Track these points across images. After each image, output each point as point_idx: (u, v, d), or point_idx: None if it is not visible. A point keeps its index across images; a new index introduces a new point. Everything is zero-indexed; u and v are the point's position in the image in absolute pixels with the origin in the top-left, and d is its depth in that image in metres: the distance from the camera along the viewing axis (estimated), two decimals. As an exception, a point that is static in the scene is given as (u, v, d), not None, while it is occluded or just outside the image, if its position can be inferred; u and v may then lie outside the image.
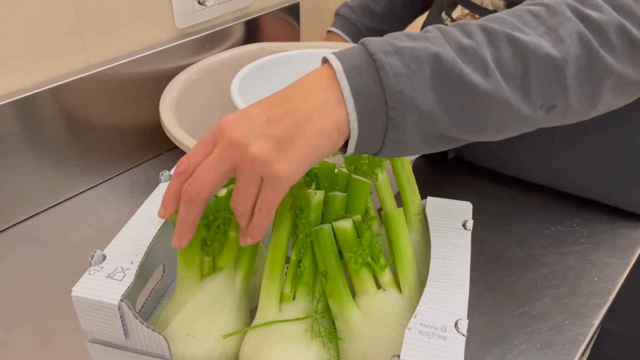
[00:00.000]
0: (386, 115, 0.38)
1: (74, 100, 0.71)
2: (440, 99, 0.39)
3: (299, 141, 0.38)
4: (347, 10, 0.90)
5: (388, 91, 0.38)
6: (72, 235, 0.70)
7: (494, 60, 0.40)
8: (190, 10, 0.81)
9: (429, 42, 0.39)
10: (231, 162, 0.39)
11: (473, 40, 0.40)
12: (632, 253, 0.66)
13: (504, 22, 0.41)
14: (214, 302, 0.47)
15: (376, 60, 0.38)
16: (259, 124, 0.38)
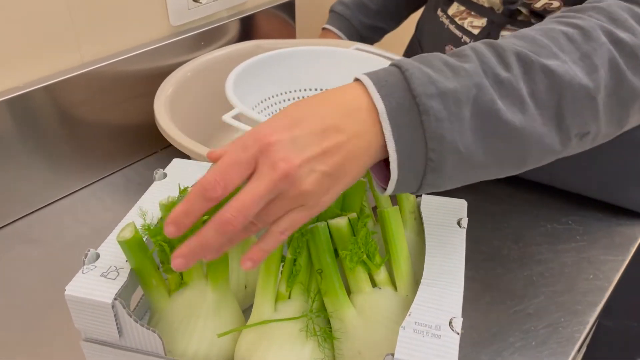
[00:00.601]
0: (425, 157, 0.38)
1: (67, 98, 0.71)
2: (479, 141, 0.39)
3: (346, 178, 0.38)
4: (342, 7, 0.90)
5: (429, 134, 0.37)
6: (66, 234, 0.69)
7: (530, 94, 0.40)
8: (185, 8, 0.81)
9: (469, 78, 0.39)
10: (278, 192, 0.36)
11: (510, 73, 0.40)
12: (627, 250, 0.66)
13: (540, 47, 0.41)
14: (186, 316, 0.46)
15: (419, 104, 0.37)
16: (313, 157, 0.36)
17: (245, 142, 0.37)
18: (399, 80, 0.38)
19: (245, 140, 0.37)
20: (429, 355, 0.39)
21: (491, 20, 0.67)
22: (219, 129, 0.81)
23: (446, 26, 0.74)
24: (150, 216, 0.50)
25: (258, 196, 0.36)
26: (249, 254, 0.38)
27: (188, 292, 0.47)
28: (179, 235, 0.37)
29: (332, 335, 0.46)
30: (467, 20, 0.71)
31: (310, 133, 0.37)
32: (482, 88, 0.39)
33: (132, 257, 0.45)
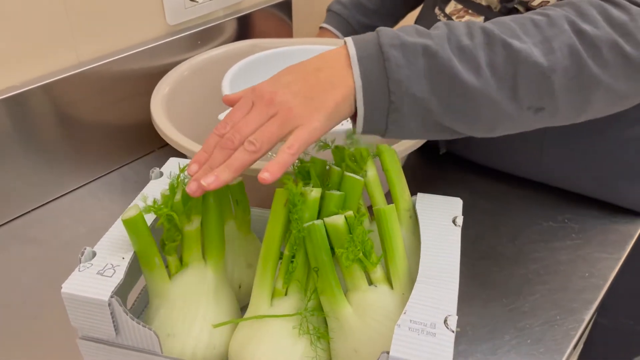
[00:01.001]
0: (388, 99, 0.45)
1: (64, 97, 0.71)
2: (432, 90, 0.45)
3: (329, 102, 0.45)
4: (339, 6, 0.90)
5: (390, 78, 0.44)
6: (64, 233, 0.69)
7: (487, 62, 0.45)
8: (182, 7, 0.81)
9: (431, 39, 0.46)
10: (270, 115, 0.45)
11: (472, 42, 0.46)
12: (623, 248, 0.66)
13: (505, 28, 0.46)
14: (187, 298, 0.47)
15: (383, 52, 0.45)
16: (296, 85, 0.45)
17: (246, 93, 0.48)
18: (373, 37, 0.46)
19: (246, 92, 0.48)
20: (425, 353, 0.39)
21: (488, 19, 0.68)
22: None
23: (442, 25, 0.75)
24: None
25: (251, 117, 0.45)
26: (266, 167, 0.44)
27: (188, 274, 0.48)
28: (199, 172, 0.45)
29: (326, 335, 0.46)
30: (464, 19, 0.71)
31: (294, 75, 0.47)
32: (442, 48, 0.45)
33: (135, 237, 0.46)
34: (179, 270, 0.48)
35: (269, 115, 0.45)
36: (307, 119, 0.44)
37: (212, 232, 0.49)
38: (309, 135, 0.44)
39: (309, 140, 0.44)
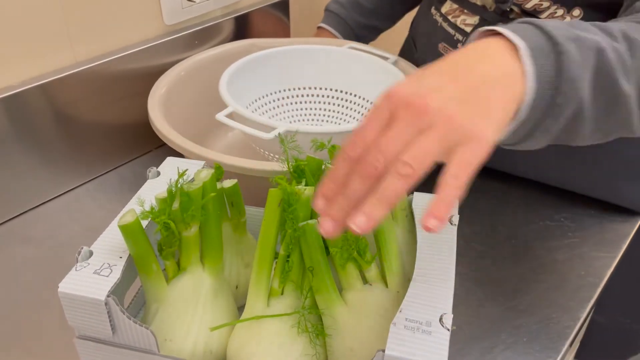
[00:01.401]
0: (552, 102, 0.38)
1: (61, 97, 0.71)
2: (593, 95, 0.40)
3: (497, 106, 0.36)
4: (337, 6, 0.90)
5: (565, 76, 0.38)
6: (61, 233, 0.69)
7: (633, 67, 0.41)
8: (179, 7, 0.81)
9: (596, 35, 0.40)
10: (421, 128, 0.34)
11: (620, 44, 0.41)
12: (619, 247, 0.66)
13: (636, 31, 0.43)
14: (185, 303, 0.47)
15: (559, 43, 0.38)
16: (447, 88, 0.35)
17: (376, 103, 0.37)
18: (531, 29, 0.39)
19: (376, 102, 0.37)
20: (420, 351, 0.39)
21: (483, 19, 0.68)
22: (213, 127, 0.81)
23: (439, 24, 0.75)
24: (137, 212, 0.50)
25: (398, 134, 0.34)
26: (431, 211, 0.34)
27: (185, 278, 0.48)
28: (328, 209, 0.36)
29: (324, 332, 0.46)
30: (459, 18, 0.71)
31: (438, 73, 0.37)
32: (607, 46, 0.40)
33: (132, 243, 0.45)
34: (176, 274, 0.48)
35: (419, 128, 0.34)
36: (471, 133, 0.34)
37: (210, 237, 0.49)
38: (477, 157, 0.34)
39: (476, 163, 0.34)
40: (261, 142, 0.67)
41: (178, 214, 0.46)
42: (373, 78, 0.78)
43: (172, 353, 0.46)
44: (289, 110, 0.82)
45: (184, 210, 0.46)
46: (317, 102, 0.82)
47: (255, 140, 0.68)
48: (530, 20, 0.41)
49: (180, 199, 0.47)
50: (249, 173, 0.58)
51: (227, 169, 0.57)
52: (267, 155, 0.69)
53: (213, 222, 0.49)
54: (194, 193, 0.46)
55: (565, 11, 0.61)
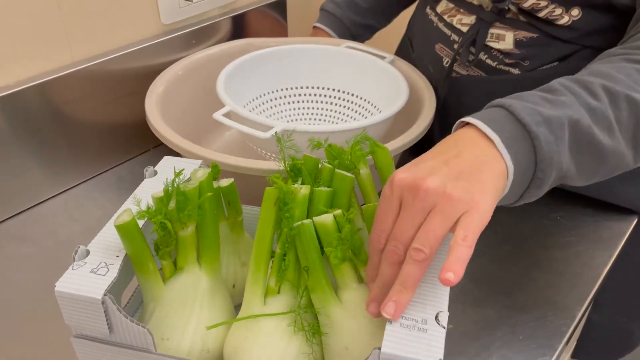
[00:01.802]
0: (533, 175, 0.44)
1: (59, 97, 0.71)
2: (573, 157, 0.45)
3: (487, 180, 0.41)
4: (332, 5, 0.90)
5: (540, 157, 0.43)
6: (58, 232, 0.69)
7: (616, 119, 0.47)
8: (176, 6, 0.81)
9: (568, 107, 0.45)
10: (427, 210, 0.40)
11: (600, 102, 0.46)
12: (615, 245, 0.66)
13: (618, 81, 0.47)
14: (182, 302, 0.47)
15: (530, 131, 0.43)
16: (442, 170, 0.41)
17: (384, 192, 0.43)
18: (505, 115, 0.44)
19: (384, 191, 0.43)
20: (416, 349, 0.39)
21: (480, 18, 0.68)
22: (211, 127, 0.81)
23: (435, 24, 0.75)
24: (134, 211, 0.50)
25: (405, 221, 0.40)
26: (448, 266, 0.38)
27: (182, 278, 0.48)
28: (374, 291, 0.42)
29: (320, 331, 0.46)
30: (455, 18, 0.71)
31: (430, 157, 0.43)
32: (580, 115, 0.45)
33: (129, 242, 0.46)
34: (173, 274, 0.48)
35: (425, 211, 0.40)
36: (471, 203, 0.39)
37: (207, 237, 0.49)
38: (480, 220, 0.39)
39: (480, 226, 0.39)
40: (258, 141, 0.68)
41: (174, 214, 0.47)
42: (370, 77, 0.78)
43: (169, 352, 0.46)
44: (286, 110, 0.82)
45: (180, 210, 0.47)
46: (314, 102, 0.82)
47: (252, 140, 0.68)
48: (501, 102, 0.45)
49: (177, 199, 0.47)
50: (246, 172, 0.58)
51: (224, 168, 0.57)
52: (264, 154, 0.69)
53: (210, 221, 0.49)
54: (190, 192, 0.47)
55: (563, 10, 0.61)
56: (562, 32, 0.63)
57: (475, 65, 0.70)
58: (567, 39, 0.63)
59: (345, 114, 0.81)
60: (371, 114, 0.78)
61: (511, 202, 0.46)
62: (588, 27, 0.62)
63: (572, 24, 0.62)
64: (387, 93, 0.74)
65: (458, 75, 0.73)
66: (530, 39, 0.65)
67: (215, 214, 0.50)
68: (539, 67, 0.66)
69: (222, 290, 0.51)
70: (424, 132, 0.66)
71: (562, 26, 0.62)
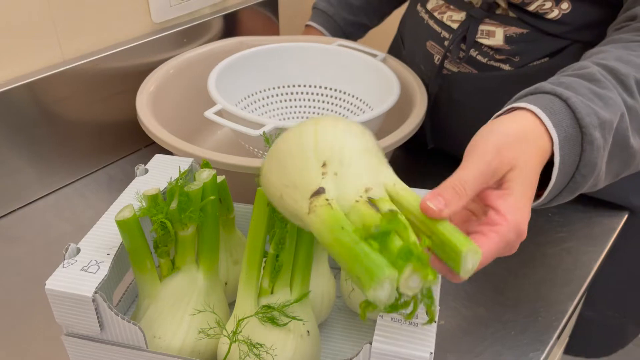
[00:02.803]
0: (570, 179, 0.43)
1: (50, 95, 0.71)
2: (608, 163, 0.45)
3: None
4: (325, 3, 0.90)
5: (584, 161, 0.42)
6: (49, 232, 0.69)
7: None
8: (167, 5, 0.81)
9: (616, 107, 0.44)
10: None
11: (635, 100, 0.45)
12: (606, 241, 0.67)
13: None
14: (176, 301, 0.47)
15: (586, 134, 0.42)
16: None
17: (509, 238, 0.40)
18: (563, 108, 0.43)
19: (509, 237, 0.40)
20: (407, 343, 0.39)
21: (470, 15, 0.68)
22: (203, 125, 0.81)
23: (425, 21, 0.75)
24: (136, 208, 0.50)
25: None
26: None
27: (179, 277, 0.48)
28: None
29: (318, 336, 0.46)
30: (446, 15, 0.71)
31: (528, 203, 0.41)
32: (621, 117, 0.44)
33: (128, 238, 0.45)
34: (170, 273, 0.48)
35: None
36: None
37: (208, 239, 0.49)
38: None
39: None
40: (250, 139, 0.67)
41: (176, 214, 0.46)
42: (362, 75, 0.78)
43: (160, 350, 0.46)
44: (279, 108, 0.82)
45: (182, 210, 0.46)
46: (306, 100, 0.82)
47: (244, 137, 0.68)
48: (556, 92, 0.44)
49: (179, 199, 0.46)
50: (237, 170, 0.58)
51: (215, 166, 0.57)
52: (256, 152, 0.69)
53: (211, 224, 0.48)
54: (193, 194, 0.46)
55: (553, 3, 0.62)
56: (552, 26, 0.63)
57: (466, 61, 0.70)
58: (557, 34, 0.64)
59: (338, 112, 0.81)
60: (363, 111, 0.78)
61: (539, 204, 0.45)
62: (578, 21, 0.62)
63: (562, 17, 0.62)
64: (379, 91, 0.74)
65: (449, 72, 0.73)
66: (520, 34, 0.65)
67: (217, 216, 0.49)
68: (530, 63, 0.66)
69: (218, 290, 0.51)
70: (416, 130, 0.66)
71: (552, 20, 0.63)
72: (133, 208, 0.45)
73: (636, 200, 0.70)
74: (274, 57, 0.80)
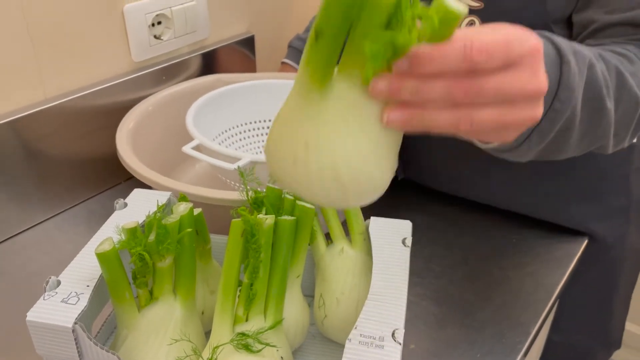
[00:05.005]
0: (549, 106, 0.43)
1: (31, 133, 0.73)
2: (583, 105, 0.45)
3: None
4: (299, 42, 0.94)
5: (563, 85, 0.42)
6: (29, 266, 0.70)
7: (616, 99, 0.48)
8: (147, 44, 0.84)
9: (589, 51, 0.46)
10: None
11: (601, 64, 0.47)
12: (567, 265, 0.70)
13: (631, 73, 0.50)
14: (154, 331, 0.48)
15: (562, 55, 0.43)
16: None
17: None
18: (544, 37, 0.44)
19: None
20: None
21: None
22: (182, 159, 0.83)
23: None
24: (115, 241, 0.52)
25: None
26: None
27: (157, 307, 0.49)
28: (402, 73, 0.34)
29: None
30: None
31: None
32: (595, 64, 0.45)
33: (107, 270, 0.47)
34: (148, 303, 0.50)
35: None
36: None
37: (185, 270, 0.50)
38: None
39: None
40: (226, 173, 0.70)
41: (154, 246, 0.48)
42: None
43: (137, 379, 0.47)
44: (255, 142, 0.85)
45: (159, 242, 0.48)
46: (281, 134, 0.85)
47: (221, 171, 0.70)
48: (540, 32, 0.45)
49: (157, 232, 0.48)
50: (213, 202, 0.61)
51: (192, 199, 0.59)
52: (233, 185, 0.72)
53: (188, 255, 0.50)
54: (171, 226, 0.48)
55: None
56: None
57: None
58: None
59: (312, 145, 0.84)
60: (336, 144, 0.81)
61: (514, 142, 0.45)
62: None
63: None
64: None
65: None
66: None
67: (194, 247, 0.51)
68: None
69: (195, 320, 0.52)
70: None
71: None
72: (112, 241, 0.47)
73: (595, 226, 0.74)
74: (251, 94, 0.84)
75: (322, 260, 0.56)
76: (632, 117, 0.52)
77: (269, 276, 0.49)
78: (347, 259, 0.55)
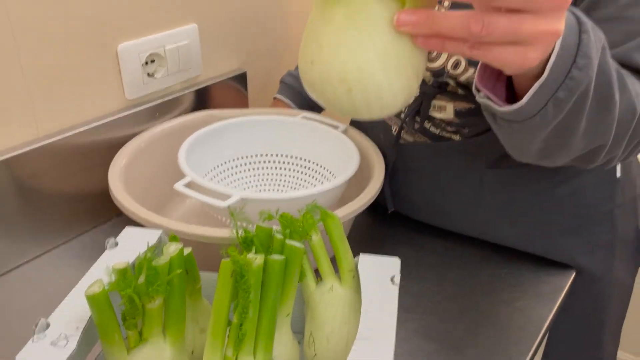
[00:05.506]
0: (568, 72, 0.43)
1: (24, 171, 0.73)
2: (595, 84, 0.45)
3: None
4: (291, 78, 0.96)
5: (582, 52, 0.43)
6: (21, 302, 0.70)
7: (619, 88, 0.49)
8: (140, 82, 0.85)
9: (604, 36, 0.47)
10: None
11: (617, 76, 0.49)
12: (555, 299, 0.71)
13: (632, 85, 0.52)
14: None
15: (581, 23, 0.43)
16: None
17: None
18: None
19: None
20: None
21: (423, 92, 0.74)
22: (174, 195, 0.84)
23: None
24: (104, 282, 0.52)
25: None
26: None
27: (146, 348, 0.49)
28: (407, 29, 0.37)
29: None
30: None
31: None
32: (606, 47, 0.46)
33: (97, 312, 0.47)
34: (138, 344, 0.49)
35: None
36: None
37: (174, 311, 0.50)
38: None
39: None
40: (217, 210, 0.71)
41: (143, 287, 0.48)
42: (325, 145, 0.83)
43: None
44: (246, 177, 0.86)
45: (149, 284, 0.48)
46: (273, 168, 0.87)
47: (211, 208, 0.71)
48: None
49: (147, 273, 0.48)
50: (203, 240, 0.61)
51: (182, 237, 0.59)
52: (225, 221, 0.72)
53: (178, 296, 0.50)
54: (161, 268, 0.48)
55: None
56: None
57: (421, 132, 0.76)
58: None
59: (302, 179, 0.85)
60: (327, 178, 0.82)
61: (531, 109, 0.45)
62: None
63: None
64: (340, 159, 0.79)
65: (405, 141, 0.79)
66: (468, 109, 0.71)
67: (184, 288, 0.51)
68: (477, 134, 0.72)
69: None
70: (374, 198, 0.70)
71: None
72: (102, 283, 0.47)
73: (581, 260, 0.75)
74: (242, 129, 0.85)
75: (312, 298, 0.56)
76: (627, 127, 0.52)
77: (259, 316, 0.50)
78: (337, 297, 0.55)
